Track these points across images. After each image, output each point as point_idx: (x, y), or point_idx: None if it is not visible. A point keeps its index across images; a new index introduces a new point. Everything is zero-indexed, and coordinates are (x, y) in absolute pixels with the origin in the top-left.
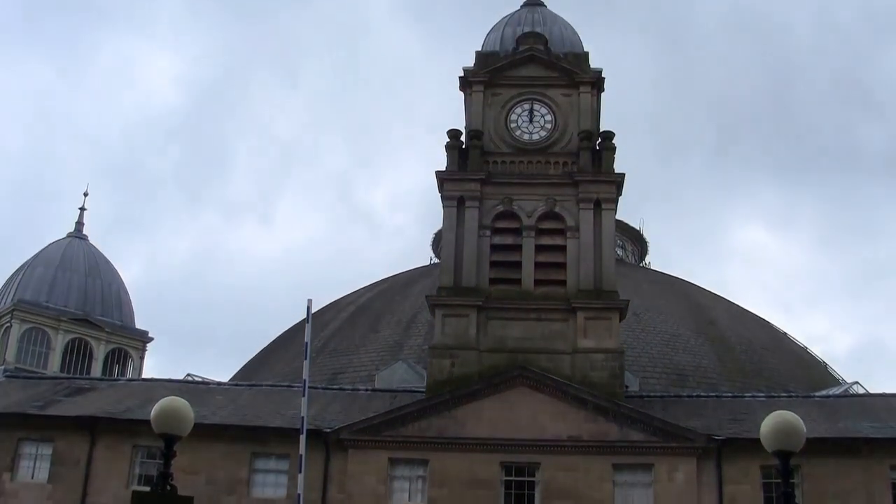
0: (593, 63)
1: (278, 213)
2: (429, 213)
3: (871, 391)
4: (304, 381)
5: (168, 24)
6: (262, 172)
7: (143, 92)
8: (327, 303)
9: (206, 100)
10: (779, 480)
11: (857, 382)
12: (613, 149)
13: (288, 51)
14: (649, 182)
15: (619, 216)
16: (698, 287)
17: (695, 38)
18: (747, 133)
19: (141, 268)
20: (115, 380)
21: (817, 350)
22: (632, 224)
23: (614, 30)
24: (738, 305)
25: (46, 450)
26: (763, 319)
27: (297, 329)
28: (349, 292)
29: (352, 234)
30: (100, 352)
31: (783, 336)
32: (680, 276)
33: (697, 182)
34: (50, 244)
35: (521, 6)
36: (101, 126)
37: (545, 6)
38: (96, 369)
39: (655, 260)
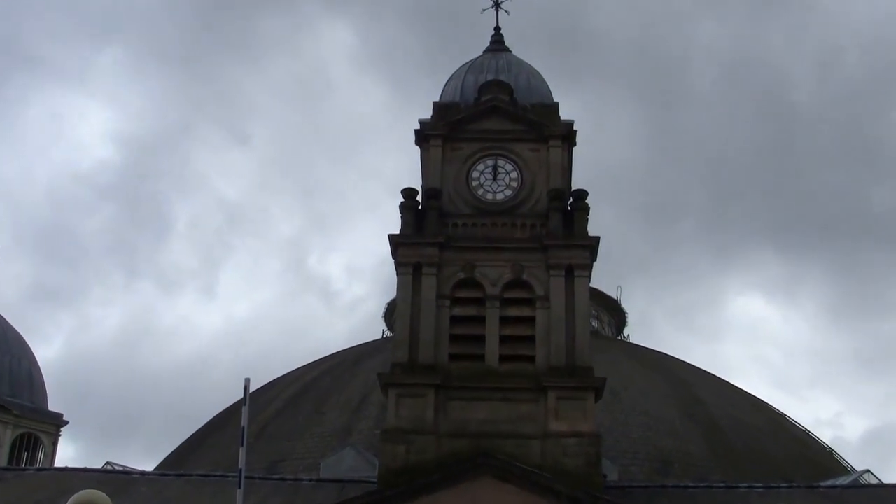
0: (565, 114)
1: (222, 282)
2: (390, 282)
3: (885, 481)
4: (240, 470)
5: (105, 76)
6: (206, 237)
7: (73, 146)
8: (268, 381)
9: (145, 157)
10: None
11: (868, 471)
12: (587, 209)
13: (237, 106)
14: (632, 247)
15: (594, 284)
16: (685, 363)
17: (688, 90)
18: (745, 193)
19: (62, 343)
20: (22, 469)
21: (823, 435)
22: (608, 293)
23: (595, 79)
24: (730, 384)
25: None
26: (759, 400)
27: (233, 411)
28: (293, 369)
29: (303, 306)
30: (6, 437)
31: (782, 419)
32: (664, 351)
33: (688, 247)
34: None
35: (484, 52)
36: (22, 183)
37: (510, 51)
38: (2, 457)
39: (636, 333)
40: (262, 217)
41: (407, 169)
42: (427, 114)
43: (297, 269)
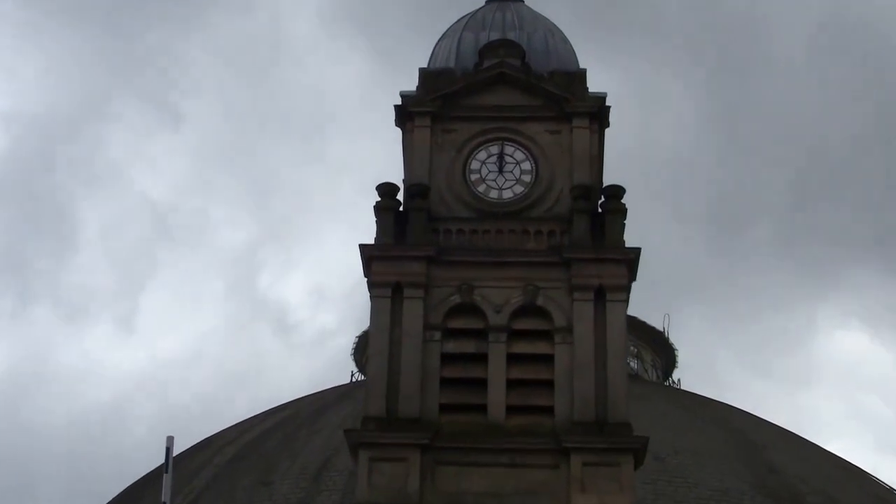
0: (596, 85)
1: (144, 308)
2: (364, 308)
3: None
4: None
5: None
6: (123, 249)
7: None
8: (201, 438)
9: (42, 142)
10: None
11: None
12: (623, 211)
13: (166, 76)
14: (685, 262)
15: (633, 311)
16: (756, 418)
17: (767, 57)
18: (841, 192)
19: None
20: None
21: None
22: (652, 323)
23: (640, 39)
24: (819, 447)
25: None
26: (860, 469)
27: (153, 478)
28: (234, 423)
29: (250, 341)
30: None
31: (892, 496)
32: (727, 402)
33: (763, 263)
34: None
35: (487, 1)
36: None
37: (522, 0)
38: None
39: (690, 377)
40: (198, 223)
41: (386, 159)
42: (411, 84)
43: (243, 291)
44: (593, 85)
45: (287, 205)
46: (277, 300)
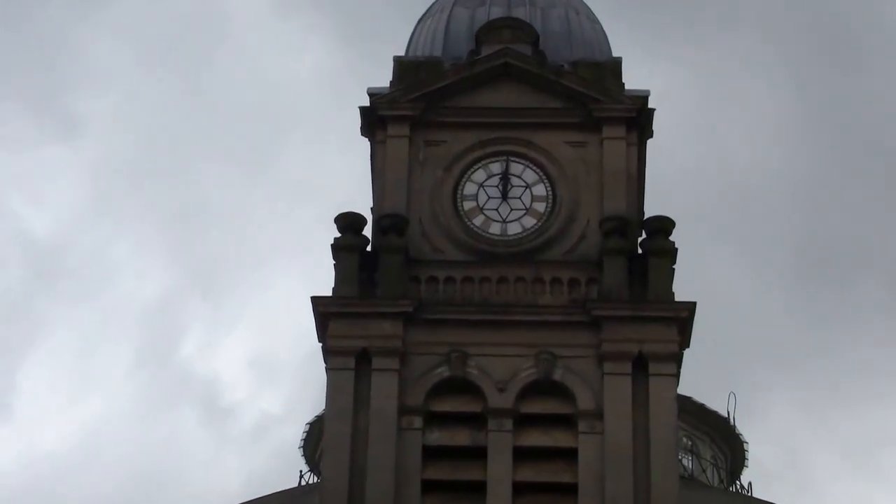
0: (636, 80)
1: (22, 387)
2: (319, 385)
3: None
4: None
5: None
6: None
7: None
8: None
9: None
10: None
11: None
12: (673, 253)
13: (57, 75)
14: (760, 321)
15: (685, 389)
16: None
17: (875, 50)
18: None
19: None
20: None
21: None
22: (713, 406)
23: (700, 22)
24: None
25: None
26: None
27: None
28: None
29: (167, 429)
30: None
31: None
32: None
33: (863, 326)
34: None
35: None
36: None
37: None
38: None
39: (765, 480)
40: (96, 267)
41: (351, 180)
42: (384, 79)
43: (158, 361)
44: (632, 80)
45: (219, 243)
46: (204, 374)
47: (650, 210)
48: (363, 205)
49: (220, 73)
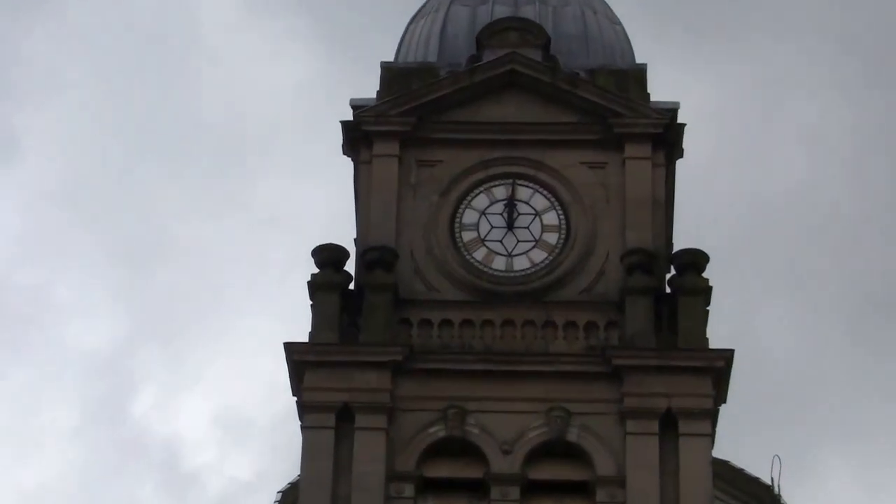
0: (664, 90)
1: None
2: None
3: None
4: None
5: None
6: None
7: None
8: None
9: None
10: None
11: None
12: (707, 292)
13: None
14: (808, 374)
15: (721, 451)
16: None
17: None
18: None
19: None
20: None
21: None
22: (755, 472)
23: (743, 22)
24: None
25: None
26: None
27: None
28: None
29: (124, 496)
30: None
31: None
32: None
33: None
34: None
35: None
36: None
37: None
38: None
39: None
40: (33, 310)
41: (332, 207)
42: (370, 88)
43: (108, 421)
44: (659, 90)
45: (178, 281)
46: (162, 434)
47: (680, 242)
48: (345, 236)
49: (181, 86)
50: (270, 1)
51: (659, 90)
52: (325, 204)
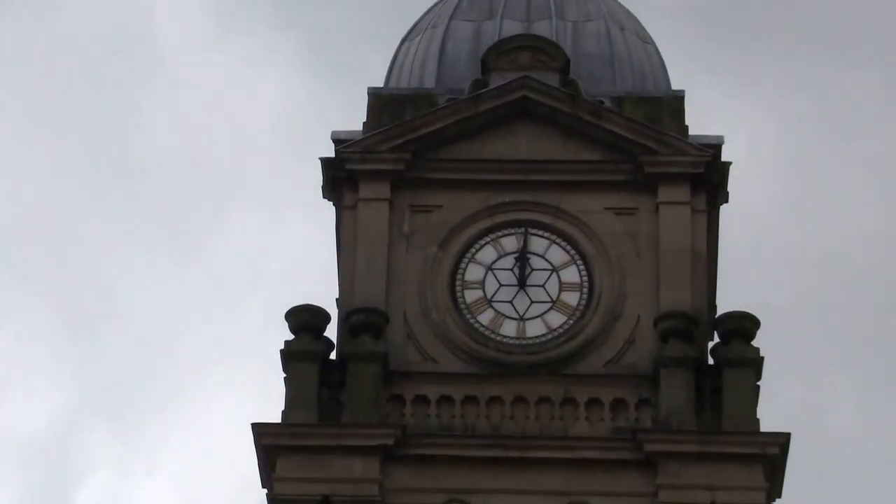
0: (703, 122)
1: None
2: None
3: None
4: None
5: None
6: None
7: None
8: None
9: None
10: None
11: None
12: (756, 364)
13: None
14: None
15: None
16: None
17: None
18: None
19: None
20: None
21: None
22: None
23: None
24: None
25: None
26: None
27: None
28: None
29: None
30: None
31: None
32: None
33: None
34: None
35: None
36: None
37: None
38: None
39: None
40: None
41: (308, 260)
42: (356, 118)
43: None
44: (699, 122)
45: (130, 350)
46: None
47: (725, 304)
48: (326, 295)
49: (137, 119)
50: (239, 16)
51: (699, 122)
52: (303, 257)
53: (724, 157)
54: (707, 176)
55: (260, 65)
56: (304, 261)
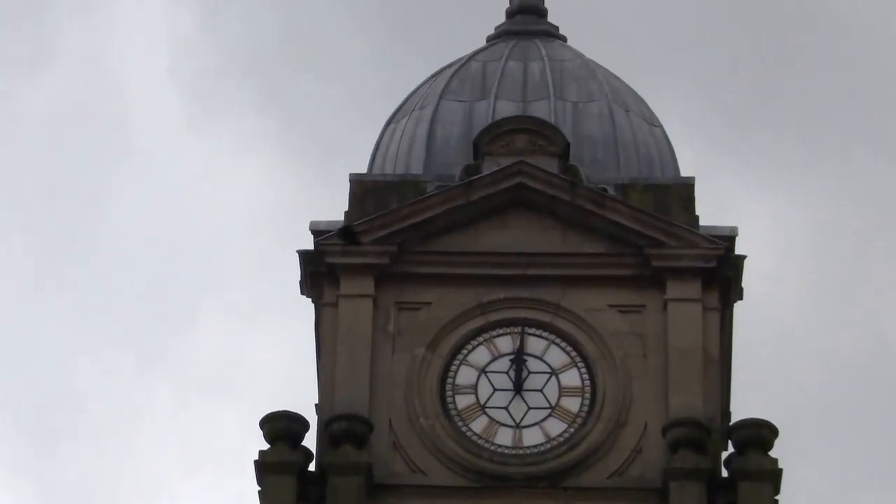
0: (716, 212)
1: None
2: None
3: None
4: None
5: None
6: None
7: None
8: None
9: None
10: None
11: None
12: (774, 476)
13: None
14: None
15: None
16: None
17: None
18: None
19: None
20: None
21: None
22: None
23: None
24: None
25: None
26: None
27: None
28: None
29: None
30: None
31: None
32: None
33: None
34: None
35: (492, 38)
36: None
37: (563, 40)
38: None
39: None
40: None
41: (285, 363)
42: (335, 208)
43: None
44: (711, 213)
45: (92, 463)
46: None
47: (740, 411)
48: (305, 400)
49: (104, 210)
50: (218, 102)
51: (711, 211)
52: (280, 359)
53: (738, 250)
54: (719, 271)
55: (238, 152)
56: (281, 363)
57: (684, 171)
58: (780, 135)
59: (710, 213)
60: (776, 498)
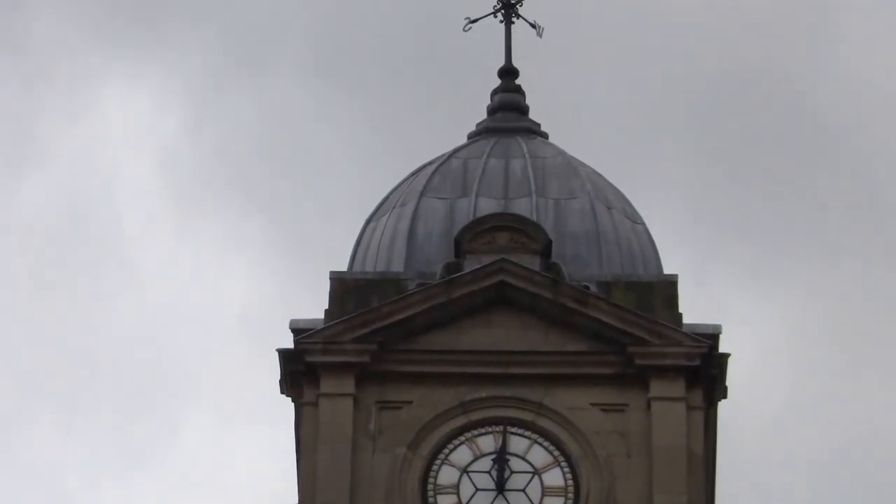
0: (698, 311)
1: None
2: None
3: None
4: None
5: None
6: None
7: None
8: None
9: None
10: None
11: None
12: None
13: None
14: None
15: None
16: None
17: None
18: None
19: None
20: None
21: None
22: None
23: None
24: None
25: None
26: None
27: None
28: None
29: None
30: None
31: None
32: None
33: None
34: None
35: (473, 135)
36: None
37: (544, 137)
38: None
39: None
40: None
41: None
42: (315, 307)
43: None
44: (694, 311)
45: None
46: None
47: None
48: (286, 500)
49: (86, 309)
50: (198, 199)
51: (694, 309)
52: (259, 458)
53: (722, 349)
54: (704, 369)
55: (221, 253)
56: (262, 463)
57: (667, 269)
58: (763, 233)
59: (693, 310)
60: None
